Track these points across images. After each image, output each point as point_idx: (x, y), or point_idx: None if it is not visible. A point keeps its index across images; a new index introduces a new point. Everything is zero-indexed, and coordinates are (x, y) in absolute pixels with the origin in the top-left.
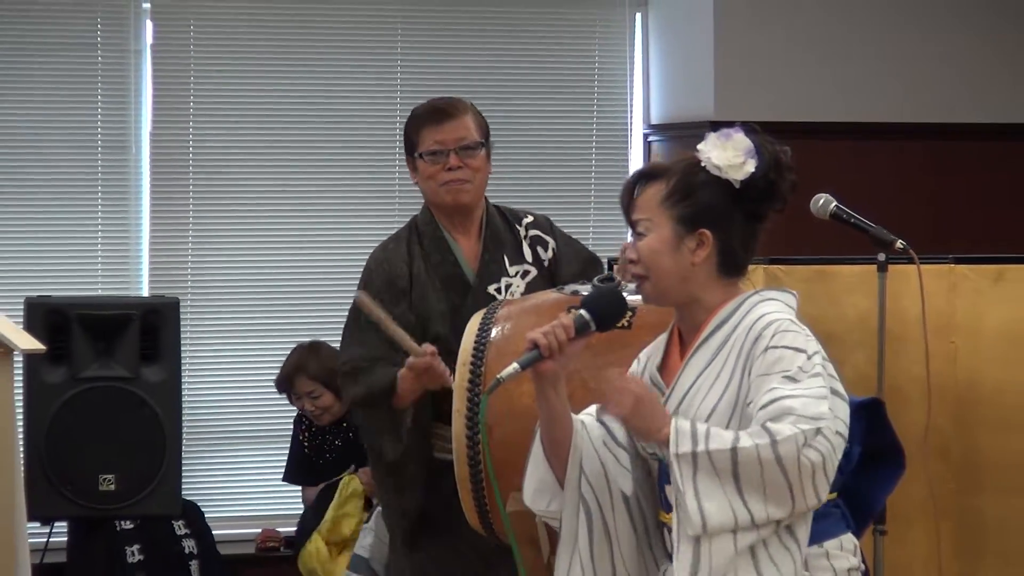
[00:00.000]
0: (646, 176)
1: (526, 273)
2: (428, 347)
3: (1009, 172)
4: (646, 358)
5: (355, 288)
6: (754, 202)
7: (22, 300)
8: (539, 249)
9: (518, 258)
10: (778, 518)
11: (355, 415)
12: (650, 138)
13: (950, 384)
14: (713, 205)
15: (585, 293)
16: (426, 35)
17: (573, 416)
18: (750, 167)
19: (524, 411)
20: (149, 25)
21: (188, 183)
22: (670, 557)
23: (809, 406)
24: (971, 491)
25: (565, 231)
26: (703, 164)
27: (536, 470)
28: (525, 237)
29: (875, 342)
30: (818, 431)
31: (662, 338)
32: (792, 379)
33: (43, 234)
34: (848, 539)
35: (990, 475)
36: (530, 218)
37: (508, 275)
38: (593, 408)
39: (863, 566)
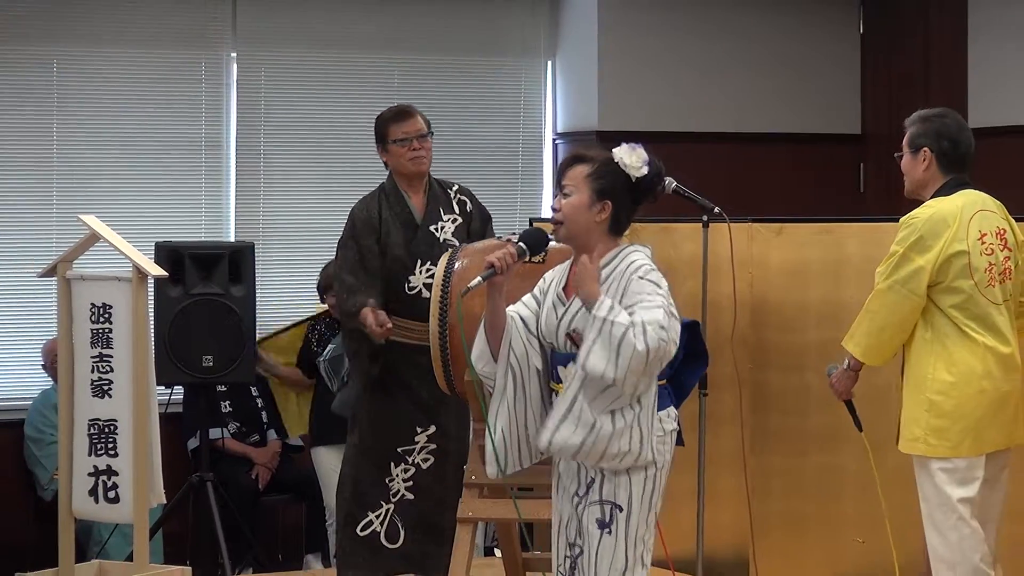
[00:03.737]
0: (578, 158)
1: (455, 220)
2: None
3: (796, 166)
4: (551, 279)
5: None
6: (640, 192)
7: (153, 244)
8: (462, 206)
9: (449, 210)
10: (627, 391)
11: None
12: (556, 142)
13: (748, 300)
14: (617, 187)
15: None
16: (415, 78)
17: (508, 311)
18: (645, 170)
19: (475, 317)
20: (235, 68)
21: (260, 169)
22: None
23: (654, 317)
24: (761, 369)
25: (494, 201)
26: (616, 161)
27: (479, 343)
28: (454, 197)
29: (700, 273)
30: (660, 328)
31: (564, 267)
32: (647, 305)
33: (167, 201)
34: (671, 410)
35: (774, 358)
36: (457, 186)
37: (443, 220)
38: (518, 305)
39: (678, 427)
